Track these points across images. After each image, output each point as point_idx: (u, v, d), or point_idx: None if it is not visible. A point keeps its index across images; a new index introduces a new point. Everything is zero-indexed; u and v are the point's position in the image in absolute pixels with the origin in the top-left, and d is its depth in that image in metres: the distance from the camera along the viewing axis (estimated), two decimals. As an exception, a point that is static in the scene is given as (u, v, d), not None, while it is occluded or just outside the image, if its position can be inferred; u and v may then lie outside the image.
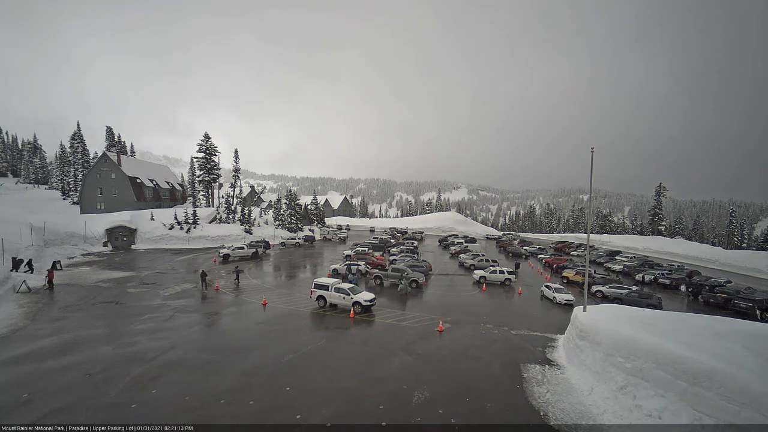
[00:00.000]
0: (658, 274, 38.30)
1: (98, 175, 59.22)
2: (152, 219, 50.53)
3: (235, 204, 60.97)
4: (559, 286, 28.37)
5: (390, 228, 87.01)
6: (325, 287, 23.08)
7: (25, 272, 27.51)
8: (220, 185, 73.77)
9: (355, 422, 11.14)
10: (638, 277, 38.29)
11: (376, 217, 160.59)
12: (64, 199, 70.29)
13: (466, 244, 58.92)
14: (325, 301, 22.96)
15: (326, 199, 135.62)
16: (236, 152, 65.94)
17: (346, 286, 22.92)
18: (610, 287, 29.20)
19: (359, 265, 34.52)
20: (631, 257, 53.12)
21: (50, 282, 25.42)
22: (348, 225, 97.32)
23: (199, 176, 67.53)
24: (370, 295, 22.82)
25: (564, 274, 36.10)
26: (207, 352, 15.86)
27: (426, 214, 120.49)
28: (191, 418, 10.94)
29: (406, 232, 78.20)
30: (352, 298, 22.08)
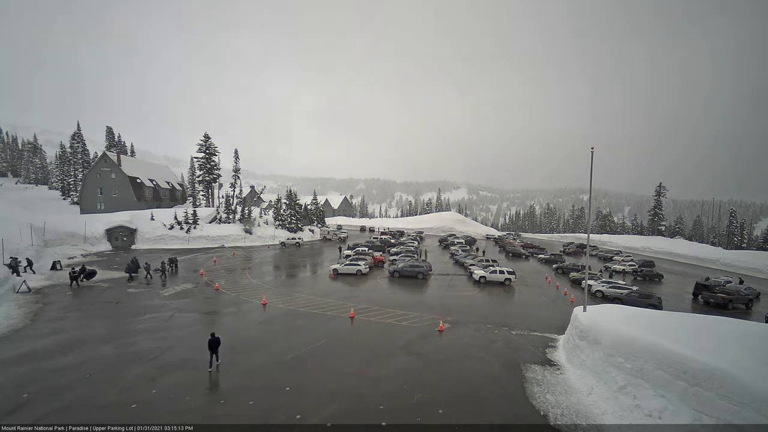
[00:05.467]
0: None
1: (98, 175, 59.23)
2: (152, 219, 50.53)
3: (235, 204, 60.95)
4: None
5: (385, 229, 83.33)
6: None
7: (24, 272, 27.44)
8: (220, 185, 73.81)
9: (355, 422, 11.14)
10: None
11: (376, 217, 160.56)
12: (64, 199, 70.31)
13: (467, 245, 58.93)
14: None
15: (326, 199, 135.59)
16: (236, 152, 65.98)
17: None
18: (610, 287, 29.26)
19: (359, 265, 34.55)
20: (629, 259, 53.13)
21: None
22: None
23: (199, 176, 67.54)
24: None
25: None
26: (207, 352, 15.84)
27: (426, 214, 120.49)
28: (191, 418, 10.94)
29: (403, 233, 75.70)
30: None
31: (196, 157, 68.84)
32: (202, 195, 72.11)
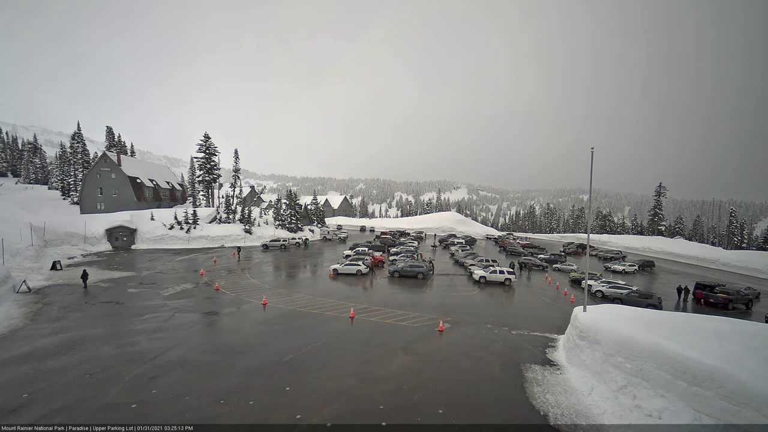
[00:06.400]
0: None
1: (98, 175, 59.24)
2: (152, 219, 50.53)
3: (235, 204, 60.95)
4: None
5: (385, 229, 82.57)
6: None
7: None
8: (220, 185, 73.76)
9: (355, 422, 11.13)
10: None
11: (376, 217, 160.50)
12: (64, 199, 70.27)
13: (467, 245, 58.89)
14: None
15: (326, 199, 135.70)
16: (236, 152, 66.00)
17: None
18: (610, 287, 29.26)
19: (359, 265, 34.54)
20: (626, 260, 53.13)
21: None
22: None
23: (199, 176, 67.54)
24: None
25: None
26: (207, 352, 15.86)
27: (426, 214, 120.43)
28: (191, 418, 10.94)
29: (403, 233, 74.45)
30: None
31: (196, 157, 68.87)
32: (202, 195, 72.13)
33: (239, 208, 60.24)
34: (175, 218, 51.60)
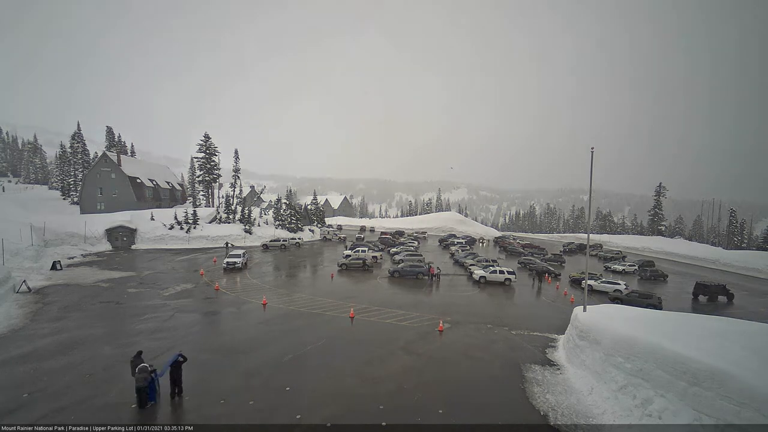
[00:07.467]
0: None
1: (98, 175, 59.25)
2: (152, 219, 50.51)
3: (235, 204, 60.90)
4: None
5: (385, 229, 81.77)
6: None
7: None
8: (220, 185, 73.73)
9: (355, 422, 11.14)
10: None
11: (376, 217, 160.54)
12: (64, 199, 70.27)
13: (467, 245, 58.88)
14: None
15: (326, 199, 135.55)
16: (236, 152, 65.98)
17: None
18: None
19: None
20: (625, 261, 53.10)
21: None
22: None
23: (199, 176, 67.64)
24: None
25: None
26: (207, 352, 15.86)
27: (426, 214, 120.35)
28: (191, 418, 10.95)
29: (403, 233, 73.55)
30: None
31: (196, 157, 68.93)
32: (202, 195, 72.15)
33: (239, 208, 60.20)
34: (175, 218, 51.57)
